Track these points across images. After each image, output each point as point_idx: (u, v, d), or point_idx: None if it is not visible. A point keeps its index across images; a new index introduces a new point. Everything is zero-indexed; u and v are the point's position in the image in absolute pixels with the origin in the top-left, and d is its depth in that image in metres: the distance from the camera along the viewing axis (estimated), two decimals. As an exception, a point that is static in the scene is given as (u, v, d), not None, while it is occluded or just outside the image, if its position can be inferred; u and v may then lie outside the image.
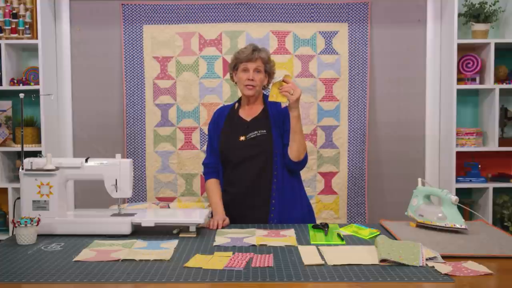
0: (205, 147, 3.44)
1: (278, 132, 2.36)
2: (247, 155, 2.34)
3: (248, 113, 2.44)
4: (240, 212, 2.32)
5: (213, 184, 2.43)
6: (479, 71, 3.38)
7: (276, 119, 2.39)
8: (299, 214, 2.38)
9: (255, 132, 2.36)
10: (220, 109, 2.58)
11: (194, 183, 3.48)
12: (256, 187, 2.34)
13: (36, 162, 2.03)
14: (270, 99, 2.27)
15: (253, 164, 2.34)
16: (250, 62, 2.34)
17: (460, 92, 3.35)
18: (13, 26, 3.30)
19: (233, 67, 2.42)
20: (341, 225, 2.14)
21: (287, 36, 3.46)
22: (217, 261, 1.63)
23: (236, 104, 2.50)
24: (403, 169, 3.51)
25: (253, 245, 1.83)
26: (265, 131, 2.35)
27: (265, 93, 2.50)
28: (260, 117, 2.41)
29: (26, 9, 3.31)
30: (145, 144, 3.47)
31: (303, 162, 2.35)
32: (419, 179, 2.17)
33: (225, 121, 2.46)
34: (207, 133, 2.64)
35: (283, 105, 2.36)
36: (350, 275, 1.49)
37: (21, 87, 3.29)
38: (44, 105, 3.24)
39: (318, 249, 1.77)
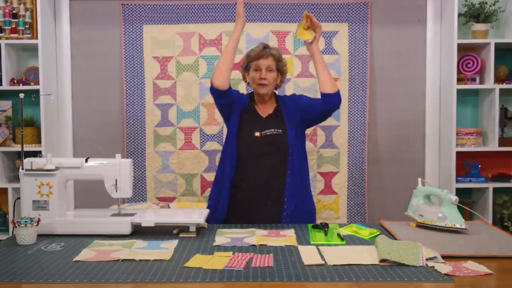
0: (205, 147, 3.45)
1: (292, 130, 2.35)
2: (260, 152, 2.32)
3: (262, 110, 2.43)
4: (252, 209, 2.29)
5: None
6: (479, 71, 3.38)
7: (291, 115, 2.37)
8: (309, 212, 2.39)
9: (271, 130, 2.34)
10: (242, 95, 2.53)
11: (194, 183, 3.48)
12: (269, 186, 2.32)
13: (36, 162, 2.03)
14: (297, 36, 2.34)
15: (266, 162, 2.32)
16: (261, 58, 2.34)
17: (460, 92, 3.35)
18: (13, 26, 3.30)
19: (245, 67, 2.41)
20: (341, 225, 2.14)
21: (287, 36, 3.46)
22: (217, 261, 1.63)
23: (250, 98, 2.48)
24: (403, 169, 3.51)
25: (253, 245, 1.83)
26: (280, 131, 2.34)
27: (277, 93, 2.50)
28: (275, 115, 2.40)
29: (26, 9, 3.31)
30: (145, 144, 3.47)
31: (339, 94, 2.34)
32: (419, 179, 2.18)
33: (242, 111, 2.41)
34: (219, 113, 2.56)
35: (309, 41, 2.37)
36: (350, 275, 1.49)
37: (21, 87, 3.29)
38: (44, 105, 3.24)
39: (318, 249, 1.77)
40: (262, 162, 2.32)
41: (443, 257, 1.64)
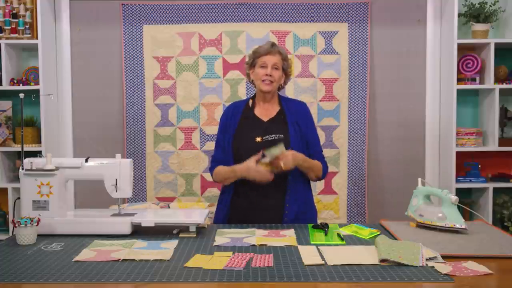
0: (205, 147, 3.45)
1: (296, 135, 2.33)
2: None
3: (264, 113, 2.39)
4: (253, 215, 2.27)
5: (219, 167, 2.36)
6: (479, 71, 3.38)
7: (293, 120, 2.36)
8: (311, 215, 2.39)
9: (273, 135, 2.31)
10: (234, 104, 2.50)
11: (194, 183, 3.48)
12: (271, 191, 2.29)
13: (36, 162, 2.03)
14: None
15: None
16: (269, 55, 2.32)
17: (460, 92, 3.36)
18: (13, 26, 3.30)
19: (251, 63, 2.39)
20: (341, 225, 2.14)
21: (287, 36, 3.46)
22: (217, 261, 1.62)
23: (250, 101, 2.43)
24: (403, 169, 3.51)
25: (253, 245, 1.82)
26: (282, 136, 2.31)
27: (280, 93, 2.49)
28: (277, 119, 2.37)
29: (26, 9, 3.31)
30: (145, 144, 3.48)
31: (323, 176, 2.45)
32: (419, 179, 2.17)
33: (240, 118, 2.39)
34: (216, 127, 2.57)
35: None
36: (350, 275, 1.49)
37: (21, 87, 3.29)
38: (44, 105, 3.25)
39: (318, 249, 1.77)
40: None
41: (443, 257, 1.63)
